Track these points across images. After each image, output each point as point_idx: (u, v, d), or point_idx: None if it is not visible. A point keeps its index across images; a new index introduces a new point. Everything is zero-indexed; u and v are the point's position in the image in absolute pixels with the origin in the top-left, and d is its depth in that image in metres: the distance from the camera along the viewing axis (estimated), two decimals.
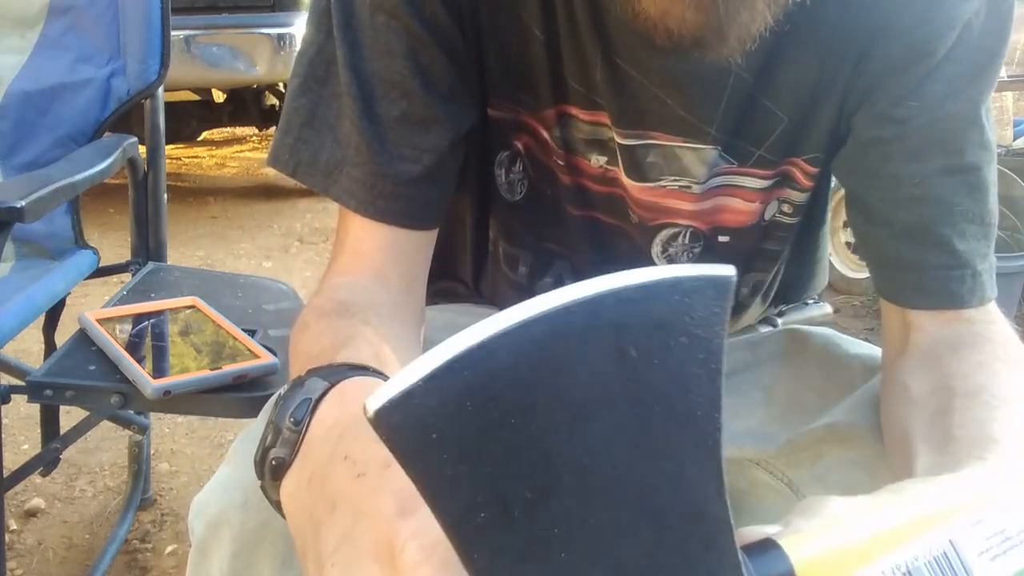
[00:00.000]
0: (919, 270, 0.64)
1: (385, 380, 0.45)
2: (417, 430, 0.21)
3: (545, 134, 0.69)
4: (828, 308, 0.95)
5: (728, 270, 0.24)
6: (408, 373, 0.22)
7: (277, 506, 0.45)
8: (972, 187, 0.64)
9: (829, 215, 0.84)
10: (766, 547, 0.26)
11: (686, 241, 0.72)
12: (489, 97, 0.69)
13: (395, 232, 0.65)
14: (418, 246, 0.67)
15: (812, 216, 0.79)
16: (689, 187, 0.69)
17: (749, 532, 0.28)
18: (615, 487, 0.23)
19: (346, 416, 0.42)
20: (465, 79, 0.65)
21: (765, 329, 0.88)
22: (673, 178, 0.68)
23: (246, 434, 0.62)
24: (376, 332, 0.55)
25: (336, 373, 0.46)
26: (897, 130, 0.63)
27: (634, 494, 0.23)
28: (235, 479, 0.58)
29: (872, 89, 0.64)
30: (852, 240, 2.81)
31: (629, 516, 0.23)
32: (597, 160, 0.69)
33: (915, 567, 0.26)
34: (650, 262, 0.73)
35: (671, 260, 0.73)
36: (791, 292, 0.88)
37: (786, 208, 0.74)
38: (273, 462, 0.43)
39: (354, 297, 0.61)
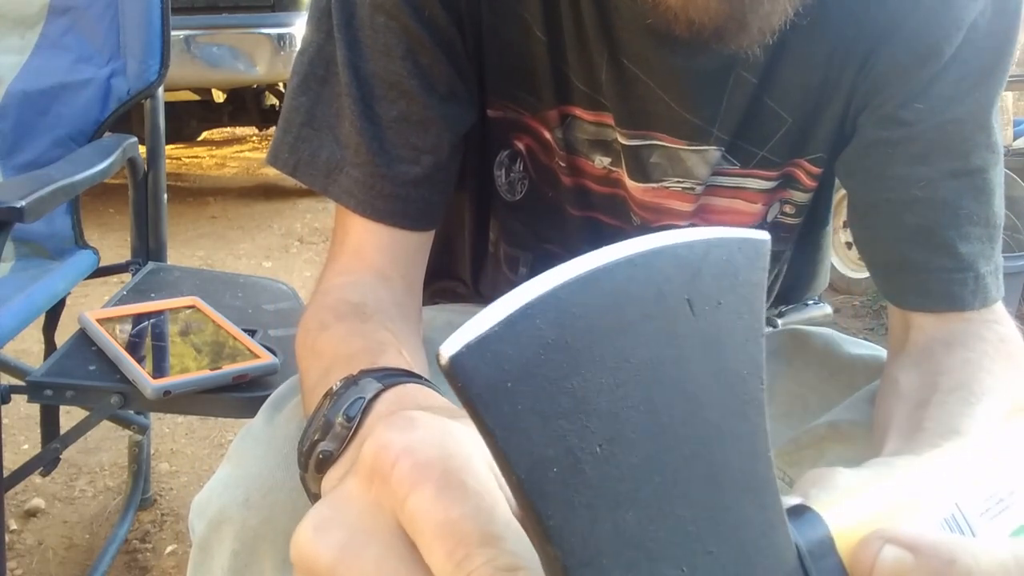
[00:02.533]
0: (922, 273, 0.64)
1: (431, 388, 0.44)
2: (493, 377, 0.21)
3: (547, 135, 0.69)
4: (828, 308, 0.95)
5: (763, 234, 0.25)
6: (483, 319, 0.22)
7: (315, 498, 0.45)
8: (978, 190, 0.64)
9: (832, 215, 0.84)
10: (802, 512, 0.27)
11: None
12: (489, 98, 0.69)
13: (394, 233, 0.65)
14: (417, 246, 0.67)
15: (815, 216, 0.79)
16: (692, 188, 0.69)
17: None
18: (677, 443, 0.23)
19: None
20: (465, 80, 0.65)
21: (765, 329, 0.88)
22: (676, 180, 0.68)
23: (246, 432, 0.62)
24: (395, 337, 0.55)
25: (391, 376, 0.46)
26: (903, 132, 0.63)
27: (694, 450, 0.23)
28: (236, 477, 0.58)
29: (878, 89, 0.64)
30: (852, 240, 2.81)
31: (690, 473, 0.23)
32: (601, 161, 0.69)
33: (931, 529, 0.27)
34: None
35: None
36: (792, 293, 0.88)
37: (788, 209, 0.73)
38: (320, 455, 0.43)
39: (364, 299, 0.61)
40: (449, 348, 0.21)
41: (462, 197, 0.78)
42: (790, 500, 0.28)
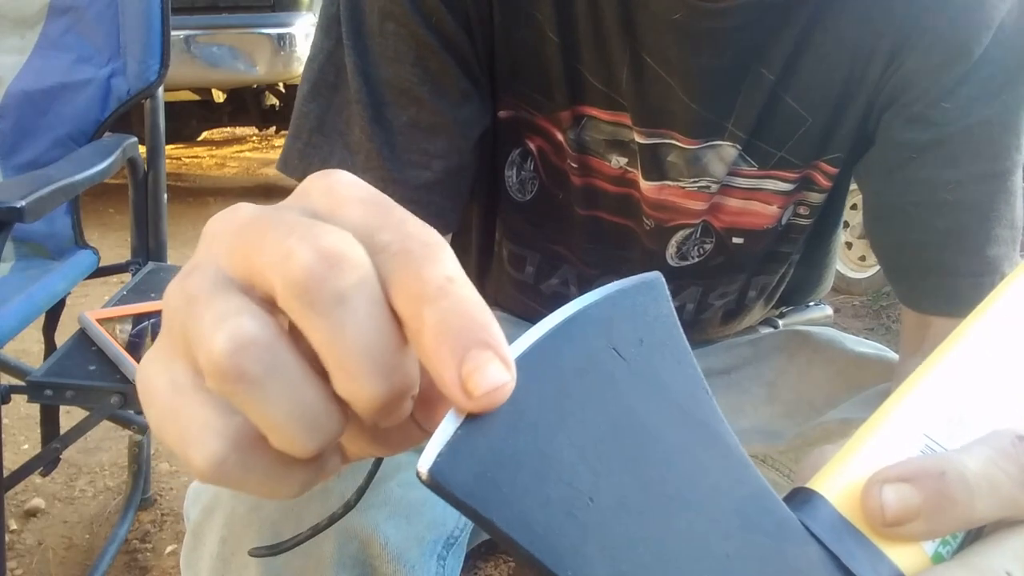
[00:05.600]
0: (949, 277, 0.64)
1: None
2: (472, 474, 0.23)
3: (559, 136, 0.69)
4: (829, 310, 0.95)
5: (655, 274, 0.28)
6: (443, 428, 0.23)
7: None
8: (1007, 192, 0.63)
9: (843, 218, 0.83)
10: (797, 495, 0.28)
11: (698, 236, 0.72)
12: (500, 98, 0.69)
13: None
14: None
15: (827, 219, 0.78)
16: (708, 187, 0.69)
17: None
18: (657, 470, 0.25)
19: None
20: (476, 84, 0.65)
21: (766, 330, 0.88)
22: (692, 179, 0.68)
23: None
24: None
25: None
26: (932, 134, 0.62)
27: (673, 471, 0.25)
28: None
29: (905, 89, 0.63)
30: (852, 240, 2.81)
31: (681, 491, 0.25)
32: (617, 161, 0.69)
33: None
34: (664, 265, 0.73)
35: (683, 257, 0.73)
36: (796, 295, 0.87)
37: (803, 210, 0.73)
38: None
39: None
40: (425, 463, 0.22)
41: (470, 197, 0.78)
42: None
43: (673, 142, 0.66)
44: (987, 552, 0.26)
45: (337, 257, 0.23)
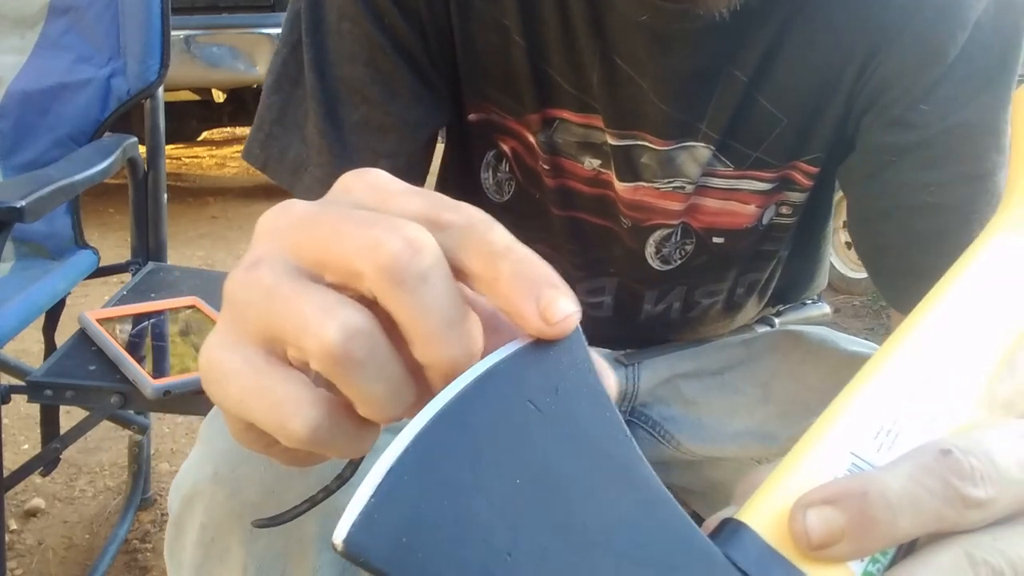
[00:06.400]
0: (932, 279, 0.64)
1: None
2: (387, 540, 0.23)
3: (530, 138, 0.69)
4: (827, 308, 0.95)
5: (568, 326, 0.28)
6: (358, 497, 0.24)
7: None
8: (989, 193, 0.63)
9: (832, 215, 0.84)
10: (727, 528, 0.28)
11: (678, 238, 0.72)
12: (468, 102, 0.69)
13: None
14: None
15: (814, 216, 0.78)
16: (682, 188, 0.69)
17: (711, 521, 0.29)
18: (575, 520, 0.25)
19: None
20: (429, 86, 0.66)
21: (762, 329, 0.88)
22: (666, 180, 0.68)
23: (215, 412, 0.64)
24: None
25: None
26: (911, 137, 0.62)
27: (592, 520, 0.25)
28: (205, 454, 0.60)
29: (883, 91, 0.63)
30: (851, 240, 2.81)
31: (600, 541, 0.25)
32: (590, 163, 0.69)
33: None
34: (644, 263, 0.73)
35: (664, 261, 0.73)
36: (790, 292, 0.87)
37: (784, 209, 0.73)
38: None
39: None
40: (340, 534, 0.23)
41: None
42: (717, 516, 0.29)
43: (645, 143, 0.66)
44: (915, 568, 0.26)
45: (419, 243, 0.26)
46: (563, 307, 0.26)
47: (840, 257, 2.85)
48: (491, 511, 0.24)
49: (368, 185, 0.29)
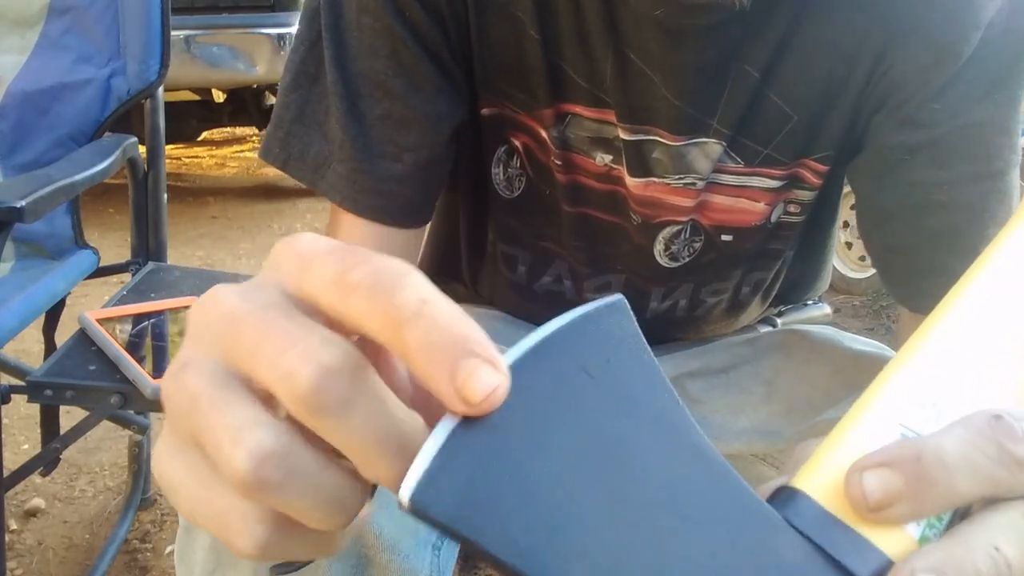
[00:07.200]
0: (942, 276, 0.63)
1: None
2: (453, 497, 0.23)
3: (543, 133, 0.69)
4: (828, 309, 0.95)
5: (617, 296, 0.29)
6: (421, 457, 0.24)
7: None
8: (1000, 192, 0.63)
9: (838, 216, 0.83)
10: (782, 495, 0.28)
11: (687, 235, 0.72)
12: (482, 96, 0.69)
13: (379, 229, 0.66)
14: (403, 243, 0.68)
15: (820, 216, 0.78)
16: (693, 184, 0.69)
17: (763, 490, 0.29)
18: (636, 484, 0.25)
19: None
20: (450, 80, 0.66)
21: (764, 329, 0.88)
22: (677, 176, 0.68)
23: None
24: None
25: None
26: (922, 135, 0.62)
27: (653, 483, 0.26)
28: None
29: (894, 90, 0.63)
30: (852, 240, 2.81)
31: (662, 502, 0.25)
32: (602, 159, 0.69)
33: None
34: (652, 260, 0.73)
35: (673, 258, 0.73)
36: (793, 292, 0.87)
37: (792, 208, 0.73)
38: None
39: None
40: (405, 493, 0.23)
41: (458, 196, 0.78)
42: (770, 485, 0.29)
43: (657, 139, 0.66)
44: (973, 530, 0.26)
45: (337, 368, 0.24)
46: (484, 382, 0.24)
47: (840, 257, 2.85)
48: (551, 472, 0.25)
49: (295, 255, 0.26)
